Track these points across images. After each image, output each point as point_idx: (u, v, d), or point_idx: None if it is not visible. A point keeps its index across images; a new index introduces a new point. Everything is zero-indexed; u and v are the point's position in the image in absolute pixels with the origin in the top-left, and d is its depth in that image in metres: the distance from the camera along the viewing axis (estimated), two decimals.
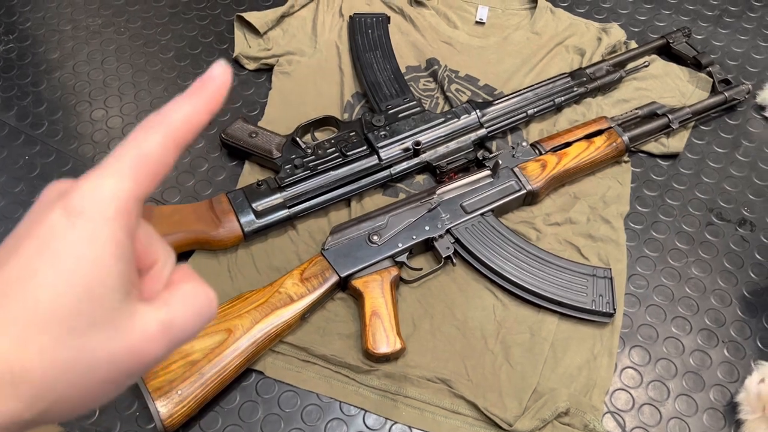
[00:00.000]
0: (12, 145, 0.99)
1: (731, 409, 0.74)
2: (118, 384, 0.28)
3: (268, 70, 1.07)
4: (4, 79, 1.07)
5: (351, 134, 0.92)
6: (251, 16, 1.08)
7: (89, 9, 1.18)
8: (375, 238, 0.81)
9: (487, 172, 0.88)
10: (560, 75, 1.00)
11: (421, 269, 0.83)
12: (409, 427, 0.74)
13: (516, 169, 0.88)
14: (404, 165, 0.91)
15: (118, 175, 0.27)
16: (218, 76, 0.30)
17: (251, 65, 1.07)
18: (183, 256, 0.84)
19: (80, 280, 0.26)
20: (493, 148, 0.95)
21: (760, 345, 0.79)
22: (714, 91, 1.02)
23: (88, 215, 0.26)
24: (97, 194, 0.27)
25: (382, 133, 0.91)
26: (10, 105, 1.04)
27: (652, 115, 0.96)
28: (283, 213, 0.85)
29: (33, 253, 0.26)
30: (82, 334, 0.26)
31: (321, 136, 0.97)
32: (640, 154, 0.97)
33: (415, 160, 0.91)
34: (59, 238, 0.26)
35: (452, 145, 0.93)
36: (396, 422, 0.74)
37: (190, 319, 0.29)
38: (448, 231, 0.83)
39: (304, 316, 0.78)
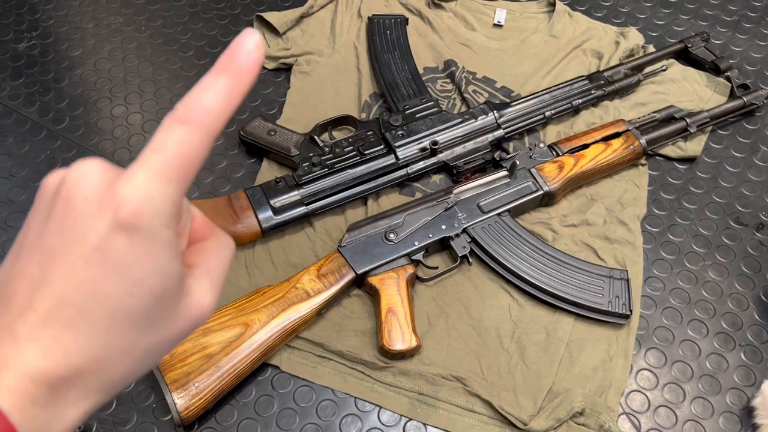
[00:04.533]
0: (34, 139, 1.00)
1: (747, 413, 0.74)
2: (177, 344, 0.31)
3: (286, 69, 1.08)
4: (27, 75, 1.09)
5: (368, 133, 0.92)
6: (271, 16, 1.09)
7: (111, 7, 1.19)
8: (391, 236, 0.82)
9: (504, 173, 0.88)
10: (578, 78, 1.00)
11: (437, 268, 0.83)
12: (424, 424, 0.74)
13: (533, 170, 0.88)
14: (421, 164, 0.91)
15: (165, 179, 0.27)
16: (251, 51, 0.28)
17: (270, 65, 1.08)
18: None
19: (147, 289, 0.27)
20: (510, 149, 0.95)
21: None
22: (732, 95, 1.01)
23: (147, 229, 0.26)
24: (152, 205, 0.26)
25: (400, 132, 0.92)
26: (32, 100, 1.05)
27: (670, 119, 0.96)
28: (301, 210, 0.86)
29: (93, 266, 0.26)
30: (154, 330, 0.28)
31: (339, 135, 0.97)
32: (657, 157, 0.97)
33: (432, 160, 0.92)
34: (121, 254, 0.26)
35: (469, 145, 0.93)
36: (410, 419, 0.74)
37: (223, 269, 0.31)
38: (464, 230, 0.84)
39: (320, 312, 0.78)
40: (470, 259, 0.83)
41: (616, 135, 0.92)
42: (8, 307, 0.27)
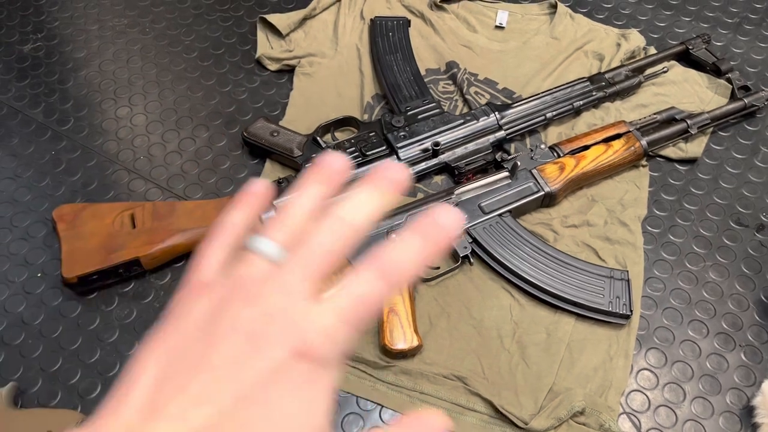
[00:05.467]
0: (39, 140, 1.01)
1: (747, 412, 0.74)
2: None
3: (289, 71, 1.08)
4: (33, 77, 1.10)
5: (371, 134, 0.93)
6: (274, 18, 1.09)
7: (115, 9, 1.20)
8: (393, 236, 0.82)
9: (506, 174, 0.89)
10: (579, 79, 1.00)
11: (438, 268, 0.84)
12: None
13: (534, 171, 0.89)
14: (423, 165, 0.92)
15: (354, 325, 0.27)
16: (452, 228, 0.29)
17: (273, 66, 1.09)
18: None
19: (301, 425, 0.26)
20: (512, 150, 0.96)
21: None
22: (733, 97, 1.02)
23: (316, 369, 0.26)
24: (337, 343, 0.27)
25: (402, 133, 0.92)
26: (37, 102, 1.06)
27: (671, 120, 0.96)
28: None
29: (254, 396, 0.26)
30: None
31: (341, 136, 0.98)
32: (658, 158, 0.97)
33: (434, 161, 0.92)
34: (282, 389, 0.26)
35: (471, 146, 0.94)
36: None
37: None
38: (465, 231, 0.84)
39: None
40: (471, 260, 0.84)
41: (617, 136, 0.93)
42: (158, 413, 0.26)
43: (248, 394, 0.25)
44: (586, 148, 0.91)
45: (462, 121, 0.94)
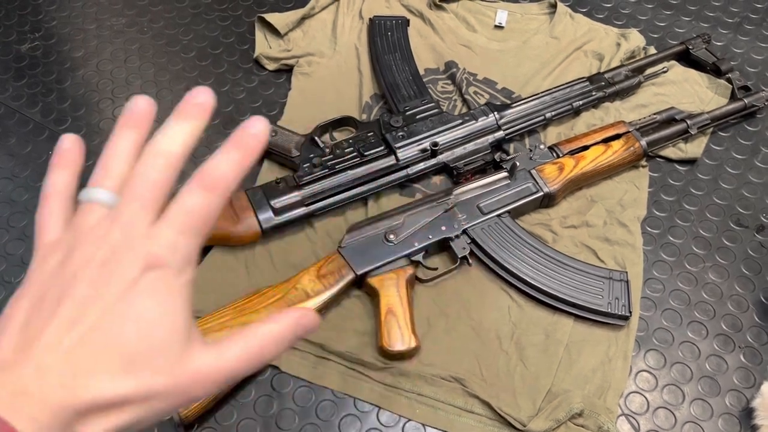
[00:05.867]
0: (36, 140, 1.01)
1: (747, 414, 0.74)
2: (168, 413, 0.32)
3: (287, 70, 1.08)
4: (30, 76, 1.09)
5: (369, 134, 0.93)
6: (272, 18, 1.09)
7: (113, 8, 1.20)
8: (391, 237, 0.82)
9: (504, 174, 0.88)
10: (579, 79, 1.00)
11: (436, 269, 0.83)
12: (423, 424, 0.74)
13: (533, 171, 0.89)
14: (421, 165, 0.92)
15: (187, 234, 0.32)
16: (258, 134, 0.34)
17: (271, 66, 1.08)
18: (202, 251, 0.85)
19: (158, 332, 0.31)
20: (511, 151, 0.95)
21: None
22: (733, 97, 1.01)
23: (167, 275, 0.31)
24: (175, 255, 0.31)
25: (400, 133, 0.92)
26: (35, 101, 1.06)
27: (671, 121, 0.96)
28: (301, 211, 0.86)
29: (115, 310, 0.30)
30: (155, 376, 0.30)
31: (339, 136, 0.98)
32: (657, 159, 0.97)
33: (433, 161, 0.92)
34: (142, 297, 0.30)
35: (470, 146, 0.93)
36: (409, 420, 0.74)
37: (240, 366, 0.33)
38: (464, 231, 0.84)
39: (320, 313, 0.78)
40: (470, 261, 0.83)
41: (617, 136, 0.92)
42: (34, 344, 0.29)
43: (112, 309, 0.29)
44: (586, 148, 0.91)
45: (461, 121, 0.94)
